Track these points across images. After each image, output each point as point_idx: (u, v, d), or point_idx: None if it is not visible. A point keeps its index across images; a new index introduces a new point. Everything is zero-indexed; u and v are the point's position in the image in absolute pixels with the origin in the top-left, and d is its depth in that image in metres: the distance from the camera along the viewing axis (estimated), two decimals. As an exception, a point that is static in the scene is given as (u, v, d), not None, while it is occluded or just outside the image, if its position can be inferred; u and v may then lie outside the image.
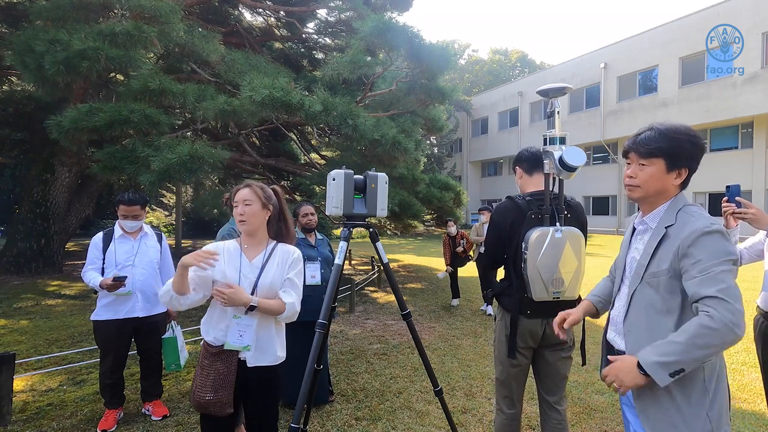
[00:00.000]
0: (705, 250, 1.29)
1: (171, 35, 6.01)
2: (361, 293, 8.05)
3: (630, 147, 1.51)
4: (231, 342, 1.84)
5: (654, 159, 1.45)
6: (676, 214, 1.42)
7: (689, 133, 1.44)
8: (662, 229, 1.42)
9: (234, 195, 1.94)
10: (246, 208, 1.91)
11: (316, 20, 10.87)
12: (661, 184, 1.46)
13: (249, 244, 1.98)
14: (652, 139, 1.46)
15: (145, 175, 5.23)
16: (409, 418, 3.15)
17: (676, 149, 1.43)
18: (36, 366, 4.08)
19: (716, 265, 1.25)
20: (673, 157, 1.43)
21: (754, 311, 2.58)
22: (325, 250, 3.45)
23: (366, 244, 16.84)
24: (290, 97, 5.64)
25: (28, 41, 5.48)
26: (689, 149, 1.43)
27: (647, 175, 1.46)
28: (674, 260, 1.35)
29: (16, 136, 11.06)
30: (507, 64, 42.25)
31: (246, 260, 1.94)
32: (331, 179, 2.13)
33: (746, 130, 18.28)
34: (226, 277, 1.87)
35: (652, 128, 1.48)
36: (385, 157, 6.85)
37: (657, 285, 1.39)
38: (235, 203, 1.92)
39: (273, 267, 1.95)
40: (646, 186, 1.48)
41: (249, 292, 1.87)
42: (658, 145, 1.44)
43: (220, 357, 1.85)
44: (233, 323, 1.85)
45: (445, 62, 7.33)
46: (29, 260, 9.27)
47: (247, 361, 1.88)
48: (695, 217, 1.37)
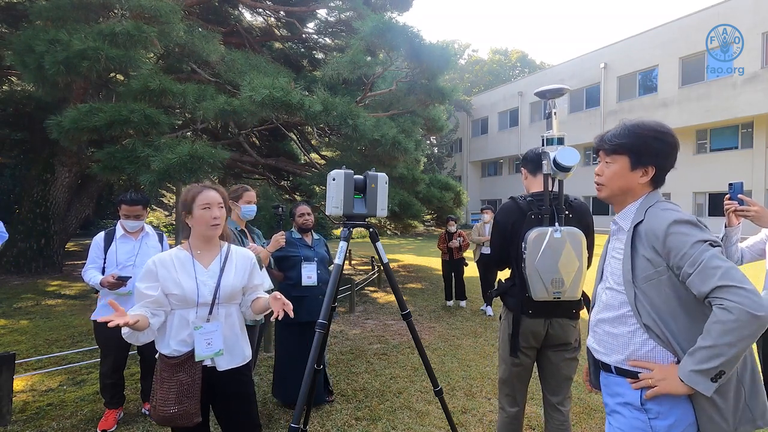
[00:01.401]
0: (680, 240, 1.23)
1: (171, 35, 6.01)
2: (361, 293, 8.05)
3: (597, 144, 1.48)
4: (200, 353, 1.76)
5: (618, 156, 1.40)
6: (646, 212, 1.36)
7: (657, 130, 1.38)
8: (632, 228, 1.37)
9: (198, 196, 1.81)
10: (222, 212, 1.85)
11: (316, 20, 10.87)
12: (625, 182, 1.41)
13: (203, 249, 1.87)
14: (616, 136, 1.41)
15: (145, 175, 5.23)
16: (409, 418, 3.15)
17: (641, 146, 1.37)
18: (36, 366, 4.08)
19: (702, 252, 1.19)
20: (637, 154, 1.38)
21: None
22: (321, 250, 3.44)
23: (366, 244, 16.84)
24: (290, 97, 5.64)
25: (28, 41, 5.48)
26: (656, 146, 1.37)
27: (611, 173, 1.42)
28: (656, 257, 1.29)
29: (16, 136, 11.07)
30: (507, 64, 42.24)
31: (201, 266, 1.84)
32: (331, 179, 2.13)
33: (746, 130, 18.28)
34: (182, 287, 1.77)
35: (621, 125, 1.43)
36: (385, 157, 6.85)
37: (658, 287, 1.29)
38: (206, 205, 1.80)
39: (232, 272, 1.88)
40: (610, 184, 1.43)
41: (209, 300, 1.80)
42: (621, 141, 1.39)
43: (182, 368, 1.75)
44: (196, 334, 1.76)
45: (445, 62, 7.33)
46: (29, 260, 9.27)
47: (218, 365, 1.82)
48: (664, 211, 1.32)
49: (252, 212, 2.96)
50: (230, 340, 1.86)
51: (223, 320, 1.84)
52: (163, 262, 1.81)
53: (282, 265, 3.31)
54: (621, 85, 21.85)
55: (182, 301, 1.78)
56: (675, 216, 1.27)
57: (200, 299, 1.79)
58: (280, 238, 2.89)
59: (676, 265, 1.24)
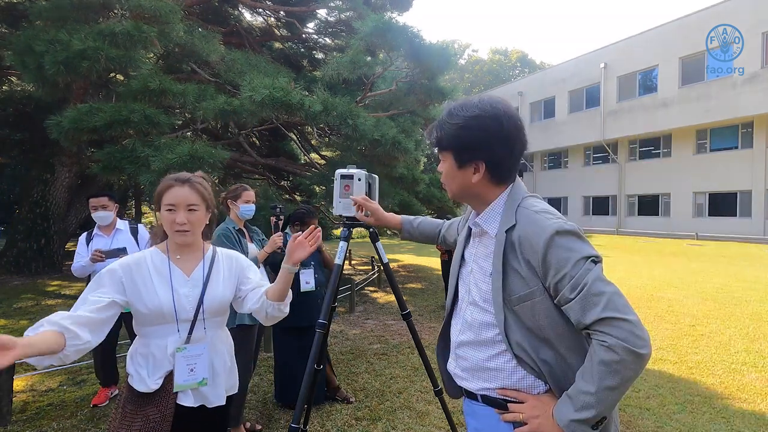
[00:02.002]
0: (562, 257, 1.02)
1: (171, 35, 6.01)
2: (361, 293, 8.05)
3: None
4: (180, 381, 1.43)
5: (443, 153, 1.18)
6: (515, 212, 1.12)
7: (469, 116, 1.11)
8: (503, 235, 1.12)
9: (163, 194, 1.47)
10: (191, 216, 1.46)
11: (316, 20, 10.87)
12: (460, 183, 1.18)
13: (182, 254, 1.53)
14: (436, 127, 1.18)
15: (145, 175, 5.22)
16: (409, 418, 3.15)
17: (457, 139, 1.13)
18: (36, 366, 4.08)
19: (585, 274, 1.00)
20: (457, 150, 1.14)
21: (755, 310, 2.58)
22: (316, 253, 3.43)
23: (366, 244, 16.83)
24: (290, 97, 5.64)
25: (28, 41, 5.48)
26: (472, 137, 1.11)
27: (444, 173, 1.20)
28: (531, 275, 1.07)
29: (16, 136, 11.06)
30: (507, 64, 42.26)
31: (180, 274, 1.51)
32: (339, 177, 2.11)
33: (746, 130, 18.28)
34: (158, 298, 1.43)
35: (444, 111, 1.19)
36: (385, 157, 6.85)
37: (532, 309, 1.08)
38: (170, 206, 1.45)
39: (219, 281, 1.56)
40: (448, 185, 1.22)
41: (192, 314, 1.48)
42: (438, 135, 1.17)
43: (153, 400, 1.41)
44: (178, 357, 1.43)
45: (445, 62, 7.33)
46: (29, 260, 9.27)
47: (187, 401, 1.46)
48: (539, 215, 1.09)
49: (251, 212, 2.96)
50: (218, 368, 1.55)
51: (209, 341, 1.52)
52: (138, 265, 1.46)
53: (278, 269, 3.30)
54: (621, 85, 21.85)
55: (158, 316, 1.44)
56: (555, 225, 1.05)
57: (179, 314, 1.46)
58: (278, 238, 2.89)
59: (554, 287, 1.04)
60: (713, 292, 7.70)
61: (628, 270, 10.47)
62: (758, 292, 7.57)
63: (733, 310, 6.29)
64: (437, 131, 1.18)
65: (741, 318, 5.81)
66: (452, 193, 1.22)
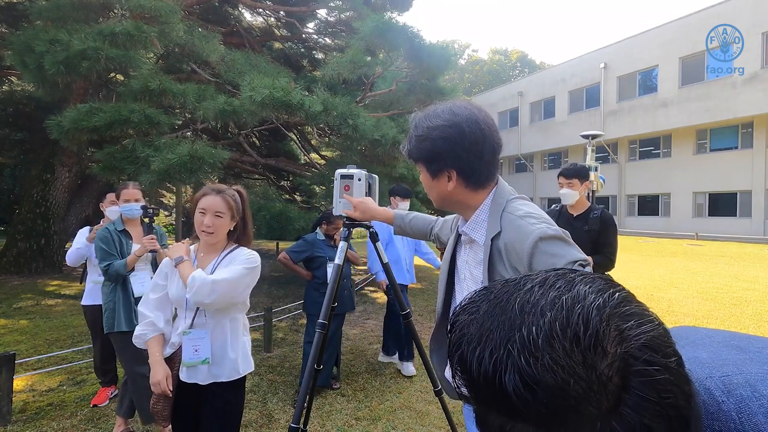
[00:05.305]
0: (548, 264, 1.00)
1: (171, 35, 6.01)
2: (361, 293, 8.05)
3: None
4: (186, 359, 1.74)
5: (418, 165, 1.19)
6: (500, 218, 1.11)
7: (428, 126, 1.11)
8: (489, 243, 1.11)
9: (199, 199, 1.78)
10: (216, 221, 1.76)
11: (316, 20, 10.87)
12: (439, 192, 1.18)
13: (206, 252, 1.85)
14: (407, 140, 1.18)
15: (145, 176, 5.23)
16: (409, 418, 3.15)
17: (424, 151, 1.13)
18: (36, 366, 4.08)
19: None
20: (426, 160, 1.15)
21: (755, 310, 2.58)
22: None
23: (366, 244, 16.83)
24: (290, 97, 5.64)
25: (28, 41, 5.48)
26: (443, 146, 1.09)
27: (423, 184, 1.21)
28: None
29: (16, 136, 11.07)
30: (507, 64, 42.27)
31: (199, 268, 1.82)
32: (339, 177, 2.11)
33: (746, 130, 18.28)
34: (174, 288, 1.78)
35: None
36: (385, 157, 6.85)
37: None
38: (202, 210, 1.75)
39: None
40: (430, 195, 1.22)
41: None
42: (409, 148, 1.17)
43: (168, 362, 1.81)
44: (184, 339, 1.74)
45: (445, 62, 7.33)
46: (29, 260, 9.26)
47: (200, 379, 1.76)
48: (522, 220, 1.07)
49: (131, 211, 2.83)
50: (218, 351, 1.79)
51: (212, 326, 1.78)
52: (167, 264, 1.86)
53: (310, 265, 3.67)
54: (621, 85, 21.86)
55: (177, 303, 1.79)
56: (539, 231, 1.03)
57: (188, 303, 1.76)
58: (147, 242, 2.73)
59: None
60: (713, 292, 7.70)
61: (628, 270, 10.47)
62: (758, 292, 7.57)
63: (733, 310, 6.29)
64: (408, 143, 1.18)
65: (741, 318, 5.81)
66: (435, 203, 1.23)
